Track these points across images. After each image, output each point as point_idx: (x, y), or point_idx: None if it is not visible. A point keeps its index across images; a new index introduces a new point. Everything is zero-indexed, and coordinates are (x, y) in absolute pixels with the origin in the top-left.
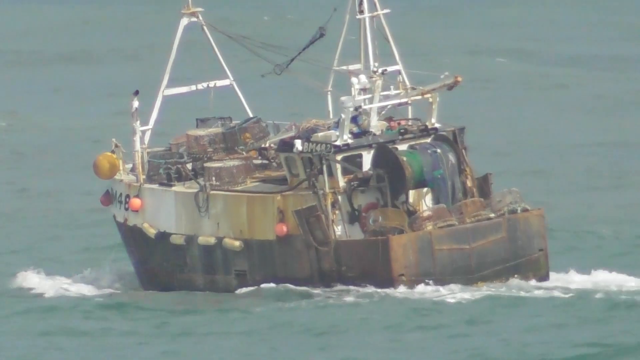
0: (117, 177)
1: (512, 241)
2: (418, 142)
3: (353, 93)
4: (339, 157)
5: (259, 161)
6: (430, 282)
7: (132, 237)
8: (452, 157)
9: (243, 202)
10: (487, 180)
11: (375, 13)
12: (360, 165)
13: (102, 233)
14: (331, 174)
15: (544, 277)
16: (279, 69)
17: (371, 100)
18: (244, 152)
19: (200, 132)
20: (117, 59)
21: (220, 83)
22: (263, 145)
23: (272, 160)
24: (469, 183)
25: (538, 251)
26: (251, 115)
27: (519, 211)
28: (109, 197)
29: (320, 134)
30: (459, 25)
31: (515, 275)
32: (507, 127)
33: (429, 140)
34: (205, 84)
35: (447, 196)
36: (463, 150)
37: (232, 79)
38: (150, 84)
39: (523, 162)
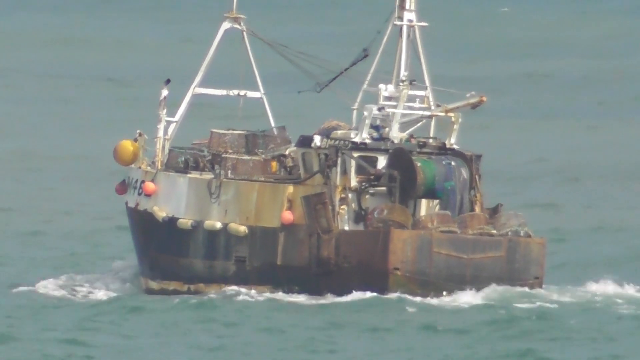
0: (134, 165)
1: (510, 262)
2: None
3: (379, 99)
4: (355, 154)
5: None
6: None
7: (141, 221)
8: (464, 172)
9: (254, 190)
10: (497, 210)
11: (413, 23)
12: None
13: None
14: (345, 171)
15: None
16: (319, 87)
17: (395, 107)
18: (263, 156)
19: (224, 131)
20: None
21: (251, 94)
22: (284, 153)
23: (288, 169)
24: (477, 209)
25: (534, 278)
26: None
27: (521, 234)
28: (124, 186)
29: (339, 131)
30: None
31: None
32: None
33: None
34: (236, 92)
35: (454, 208)
36: (477, 177)
37: (263, 92)
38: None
39: None
